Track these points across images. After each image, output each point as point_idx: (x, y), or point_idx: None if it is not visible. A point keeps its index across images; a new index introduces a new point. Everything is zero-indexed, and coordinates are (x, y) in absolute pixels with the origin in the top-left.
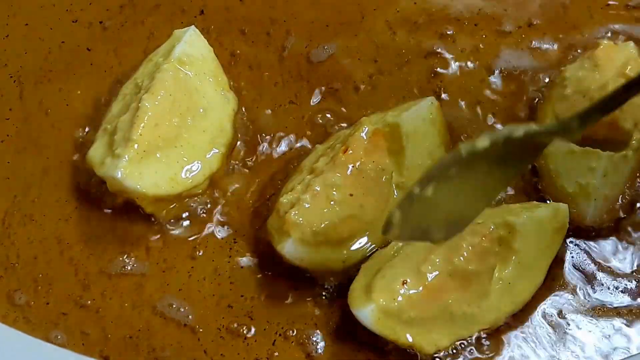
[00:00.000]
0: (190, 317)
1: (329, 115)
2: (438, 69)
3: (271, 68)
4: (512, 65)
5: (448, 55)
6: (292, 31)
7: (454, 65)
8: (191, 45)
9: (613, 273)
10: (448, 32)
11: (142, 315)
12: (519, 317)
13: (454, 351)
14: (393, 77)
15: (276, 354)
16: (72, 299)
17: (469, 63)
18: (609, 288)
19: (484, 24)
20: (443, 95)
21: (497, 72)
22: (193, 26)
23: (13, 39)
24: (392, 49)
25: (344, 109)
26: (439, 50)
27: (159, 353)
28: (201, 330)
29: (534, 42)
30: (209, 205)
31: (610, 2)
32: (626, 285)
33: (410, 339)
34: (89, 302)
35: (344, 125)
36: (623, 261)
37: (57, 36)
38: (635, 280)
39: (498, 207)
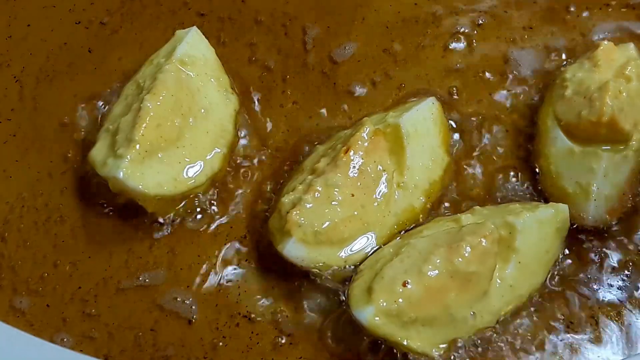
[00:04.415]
0: (193, 316)
1: (332, 115)
2: (441, 68)
3: (279, 62)
4: (514, 66)
5: (450, 54)
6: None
7: (452, 68)
8: (193, 46)
9: (614, 273)
10: (451, 32)
11: (145, 315)
12: (519, 317)
13: (453, 351)
14: (396, 77)
15: (279, 353)
16: (74, 299)
17: (471, 62)
18: (610, 287)
19: (487, 25)
20: (446, 95)
21: (498, 72)
22: (195, 27)
23: (15, 40)
24: (392, 50)
25: (347, 108)
26: (443, 49)
27: (161, 352)
28: (204, 329)
29: (535, 43)
30: (210, 206)
31: (611, 2)
32: (628, 284)
33: (410, 341)
34: (92, 302)
35: (347, 124)
36: (624, 261)
37: (59, 37)
38: (636, 280)
39: (498, 207)
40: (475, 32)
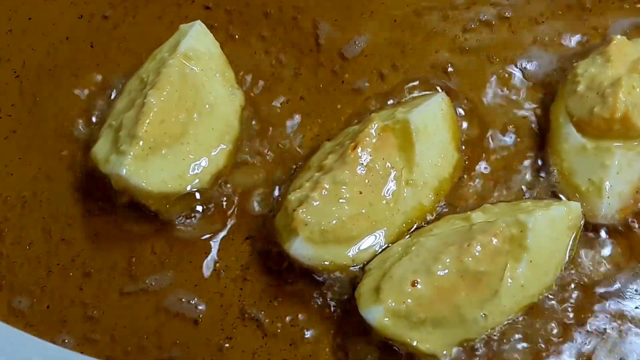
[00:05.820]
0: (197, 316)
1: (339, 110)
2: (451, 64)
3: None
4: (525, 62)
5: (460, 52)
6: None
7: (466, 61)
8: (197, 40)
9: (626, 272)
10: (460, 26)
11: (149, 316)
12: (529, 316)
13: (463, 352)
14: (405, 72)
15: (285, 353)
16: (75, 301)
17: (480, 59)
18: (621, 287)
19: (497, 21)
20: (456, 90)
21: (509, 68)
22: (199, 21)
23: (16, 34)
24: (401, 43)
25: (355, 103)
26: (453, 42)
27: (166, 354)
28: (210, 330)
29: (546, 38)
30: (215, 203)
31: None
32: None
33: (419, 342)
34: (93, 303)
35: (355, 120)
36: (637, 259)
37: (60, 31)
38: None
39: (509, 204)
40: (487, 25)
